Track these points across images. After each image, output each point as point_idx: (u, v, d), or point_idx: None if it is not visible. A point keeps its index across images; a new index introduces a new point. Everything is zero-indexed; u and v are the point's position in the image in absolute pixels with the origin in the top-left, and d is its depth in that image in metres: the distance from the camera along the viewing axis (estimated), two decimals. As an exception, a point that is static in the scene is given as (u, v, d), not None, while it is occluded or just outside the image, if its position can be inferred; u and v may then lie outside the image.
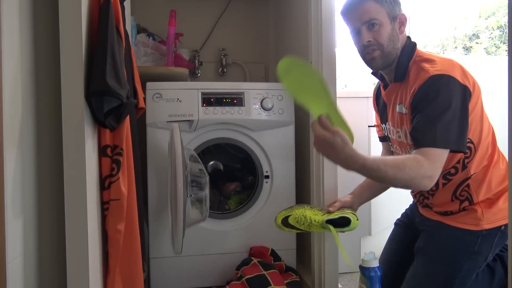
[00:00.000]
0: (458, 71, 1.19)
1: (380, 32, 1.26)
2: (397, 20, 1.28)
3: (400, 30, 1.29)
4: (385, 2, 1.26)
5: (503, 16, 3.05)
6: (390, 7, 1.27)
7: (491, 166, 1.26)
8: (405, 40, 1.31)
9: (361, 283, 1.37)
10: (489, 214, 1.23)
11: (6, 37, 0.79)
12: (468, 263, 1.24)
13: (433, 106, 1.14)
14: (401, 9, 1.30)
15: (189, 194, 1.45)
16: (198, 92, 1.68)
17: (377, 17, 1.26)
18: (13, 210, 0.82)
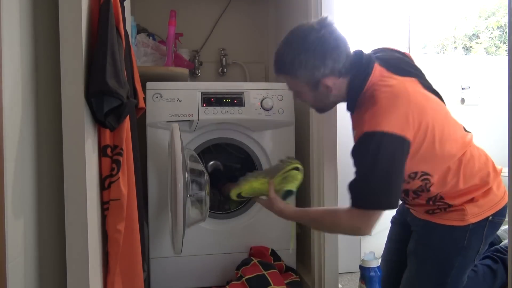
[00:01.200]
0: (396, 117, 1.09)
1: (303, 98, 1.26)
2: (321, 85, 1.18)
3: (329, 90, 1.20)
4: (300, 73, 1.17)
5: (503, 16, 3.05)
6: (307, 76, 1.17)
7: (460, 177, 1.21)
8: (349, 82, 1.21)
9: (361, 283, 1.37)
10: (474, 209, 1.22)
11: (6, 37, 0.79)
12: (459, 260, 1.24)
13: (362, 167, 1.11)
14: (326, 69, 1.15)
15: (189, 194, 1.45)
16: (198, 92, 1.68)
17: (294, 88, 1.24)
18: (13, 210, 0.82)
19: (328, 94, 1.21)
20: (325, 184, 1.54)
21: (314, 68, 1.14)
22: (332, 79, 1.17)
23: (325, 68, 1.15)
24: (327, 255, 1.55)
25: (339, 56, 1.15)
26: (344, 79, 1.20)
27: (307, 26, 1.17)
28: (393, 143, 1.08)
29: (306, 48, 1.14)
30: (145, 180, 1.64)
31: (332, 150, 1.54)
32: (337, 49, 1.14)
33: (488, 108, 2.53)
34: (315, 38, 1.13)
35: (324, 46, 1.13)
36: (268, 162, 1.75)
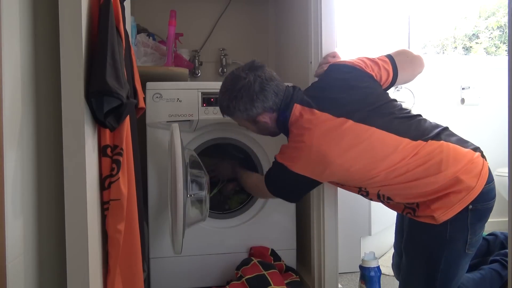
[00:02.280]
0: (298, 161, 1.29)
1: (252, 130, 1.48)
2: (258, 121, 1.38)
3: (266, 124, 1.39)
4: (237, 115, 1.37)
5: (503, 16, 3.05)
6: (243, 116, 1.37)
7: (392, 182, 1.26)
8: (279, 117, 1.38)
9: (361, 283, 1.38)
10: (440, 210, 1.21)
11: (6, 37, 0.79)
12: (445, 253, 1.24)
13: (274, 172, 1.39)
14: (259, 109, 1.34)
15: (189, 194, 1.45)
16: (198, 92, 1.68)
17: (239, 123, 1.46)
18: (13, 210, 0.82)
19: (268, 126, 1.41)
20: (326, 185, 1.54)
21: (246, 110, 1.34)
22: (266, 115, 1.37)
23: (256, 109, 1.34)
24: (327, 255, 1.55)
25: (266, 96, 1.33)
26: (277, 113, 1.38)
27: (235, 74, 1.35)
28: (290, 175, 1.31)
29: (235, 96, 1.33)
30: (145, 180, 1.64)
31: (332, 150, 1.53)
32: (263, 92, 1.33)
33: (488, 108, 2.53)
34: (241, 86, 1.32)
35: (249, 91, 1.32)
36: (268, 162, 1.75)
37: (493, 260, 1.48)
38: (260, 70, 1.34)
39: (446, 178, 1.20)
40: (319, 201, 1.57)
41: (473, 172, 1.22)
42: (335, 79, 1.37)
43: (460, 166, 1.21)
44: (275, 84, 1.35)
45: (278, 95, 1.35)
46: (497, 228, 1.78)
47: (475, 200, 1.21)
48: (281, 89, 1.36)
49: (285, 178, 1.34)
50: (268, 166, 1.73)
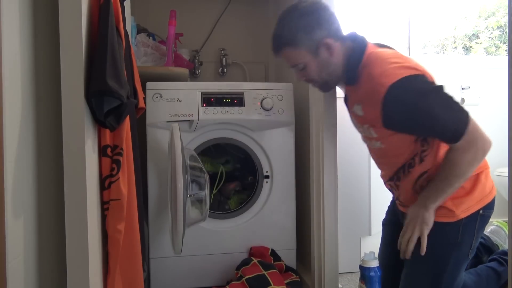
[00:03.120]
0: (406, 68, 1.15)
1: (307, 71, 1.28)
2: (321, 48, 1.24)
3: (330, 53, 1.25)
4: (301, 41, 1.23)
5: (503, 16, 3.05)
6: (307, 41, 1.23)
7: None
8: (347, 49, 1.26)
9: (361, 283, 1.37)
10: (463, 205, 1.22)
11: (6, 37, 0.79)
12: (453, 255, 1.24)
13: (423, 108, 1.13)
14: (324, 31, 1.22)
15: (189, 194, 1.45)
16: (198, 92, 1.68)
17: (298, 61, 1.27)
18: (13, 210, 0.82)
19: (330, 59, 1.25)
20: (325, 184, 1.54)
21: (312, 29, 1.21)
22: (331, 40, 1.23)
23: (322, 29, 1.22)
24: (327, 255, 1.55)
25: (331, 17, 1.24)
26: (342, 45, 1.26)
27: (294, 3, 1.27)
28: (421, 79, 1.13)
29: (300, 14, 1.23)
30: (145, 180, 1.64)
31: (332, 150, 1.54)
32: (328, 11, 1.24)
33: (488, 108, 2.53)
34: (306, 5, 1.24)
35: (316, 10, 1.23)
36: (268, 162, 1.75)
37: (492, 259, 1.48)
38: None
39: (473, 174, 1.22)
40: (319, 201, 1.57)
41: (489, 176, 1.26)
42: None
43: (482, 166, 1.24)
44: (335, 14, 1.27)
45: (340, 25, 1.25)
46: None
47: (486, 206, 1.24)
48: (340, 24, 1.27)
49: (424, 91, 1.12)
50: (268, 166, 1.74)
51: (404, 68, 1.14)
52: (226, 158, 1.92)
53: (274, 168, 1.75)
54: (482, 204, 1.23)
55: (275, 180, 1.76)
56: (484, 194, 1.24)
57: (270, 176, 1.75)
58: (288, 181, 1.77)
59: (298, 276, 1.70)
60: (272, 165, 1.75)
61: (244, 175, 1.91)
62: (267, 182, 1.76)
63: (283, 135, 1.76)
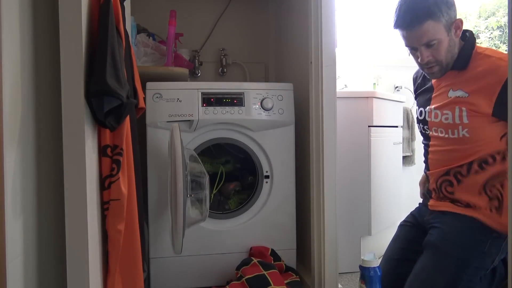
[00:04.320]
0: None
1: (438, 50, 1.28)
2: (453, 26, 1.28)
3: (456, 34, 1.30)
4: (442, 15, 1.25)
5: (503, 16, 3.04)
6: (447, 17, 1.26)
7: None
8: (462, 34, 1.32)
9: (361, 283, 1.37)
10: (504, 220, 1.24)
11: (6, 37, 0.79)
12: (477, 262, 1.25)
13: None
14: (455, 11, 1.28)
15: (189, 194, 1.45)
16: (198, 92, 1.68)
17: (435, 37, 1.27)
18: (13, 210, 0.82)
19: (455, 40, 1.30)
20: (325, 184, 1.54)
21: (452, 5, 1.25)
22: (459, 20, 1.28)
23: (455, 8, 1.27)
24: (327, 255, 1.55)
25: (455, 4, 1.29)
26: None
27: None
28: None
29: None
30: (145, 180, 1.64)
31: (332, 150, 1.54)
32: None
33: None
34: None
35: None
36: (268, 162, 1.75)
37: None
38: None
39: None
40: (319, 201, 1.57)
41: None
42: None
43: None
44: None
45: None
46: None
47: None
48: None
49: None
50: (268, 166, 1.74)
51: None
52: (226, 158, 1.92)
53: (274, 168, 1.75)
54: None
55: (275, 180, 1.76)
56: None
57: (270, 176, 1.75)
58: (288, 181, 1.77)
59: (298, 276, 1.70)
60: (272, 165, 1.75)
61: (244, 175, 1.91)
62: (267, 182, 1.76)
63: (283, 135, 1.76)
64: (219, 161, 1.91)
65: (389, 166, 2.09)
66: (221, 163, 1.90)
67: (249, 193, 1.80)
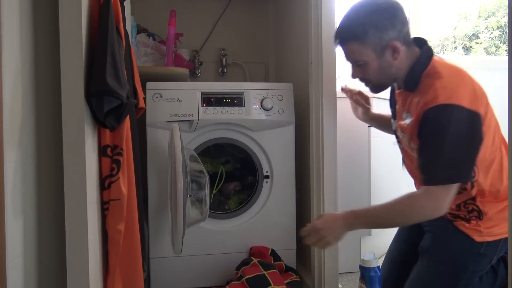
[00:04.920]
0: (467, 92, 1.12)
1: (367, 70, 1.23)
2: (387, 50, 1.19)
3: (394, 56, 1.20)
4: (370, 38, 1.17)
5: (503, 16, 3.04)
6: (376, 40, 1.17)
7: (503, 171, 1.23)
8: (412, 55, 1.23)
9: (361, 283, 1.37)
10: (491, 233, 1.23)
11: (6, 37, 0.79)
12: (473, 265, 1.23)
13: (437, 142, 1.11)
14: (395, 32, 1.17)
15: (189, 194, 1.45)
16: (198, 92, 1.68)
17: (361, 58, 1.21)
18: (13, 210, 0.82)
19: (392, 62, 1.21)
20: (325, 184, 1.54)
21: (384, 29, 1.16)
22: (399, 43, 1.18)
23: (394, 30, 1.16)
24: (327, 255, 1.55)
25: (405, 19, 1.18)
26: (406, 50, 1.21)
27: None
28: (467, 117, 1.09)
29: (376, 9, 1.17)
30: (145, 180, 1.64)
31: (332, 150, 1.54)
32: (403, 12, 1.18)
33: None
34: (383, 1, 1.18)
35: (392, 7, 1.17)
36: (268, 162, 1.75)
37: None
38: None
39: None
40: (319, 201, 1.57)
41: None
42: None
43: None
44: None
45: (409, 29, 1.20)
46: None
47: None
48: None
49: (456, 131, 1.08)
50: (268, 166, 1.74)
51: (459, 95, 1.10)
52: (226, 158, 1.92)
53: (274, 168, 1.75)
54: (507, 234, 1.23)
55: (275, 180, 1.75)
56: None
57: (270, 176, 1.75)
58: (288, 181, 1.77)
59: (298, 276, 1.70)
60: (272, 165, 1.75)
61: (244, 175, 1.91)
62: (267, 182, 1.76)
63: (283, 135, 1.76)
64: (219, 161, 1.91)
65: (389, 166, 2.09)
66: (221, 163, 1.90)
67: (249, 193, 1.80)
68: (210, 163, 1.87)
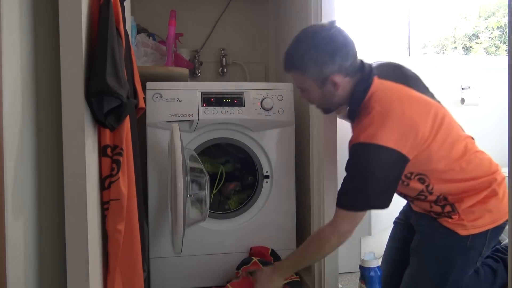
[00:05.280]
0: (390, 131, 1.13)
1: (309, 96, 1.29)
2: (328, 82, 1.22)
3: (335, 88, 1.23)
4: (309, 71, 1.20)
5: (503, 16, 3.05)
6: (315, 73, 1.20)
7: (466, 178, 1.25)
8: (353, 86, 1.25)
9: (361, 283, 1.37)
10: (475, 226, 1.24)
11: (6, 37, 0.79)
12: (461, 259, 1.24)
13: (352, 173, 1.19)
14: (335, 66, 1.19)
15: (189, 194, 1.45)
16: (198, 92, 1.68)
17: (302, 85, 1.27)
18: (13, 210, 0.82)
19: (334, 92, 1.24)
20: (325, 184, 1.54)
21: (324, 63, 1.18)
22: (339, 77, 1.20)
23: (334, 65, 1.18)
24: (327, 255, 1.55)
25: (348, 54, 1.20)
26: (350, 80, 1.24)
27: (317, 25, 1.25)
28: (384, 155, 1.13)
29: (317, 44, 1.18)
30: (145, 180, 1.64)
31: (332, 150, 1.54)
32: (346, 47, 1.20)
33: (488, 108, 2.53)
34: (325, 35, 1.19)
35: (334, 43, 1.18)
36: (268, 162, 1.75)
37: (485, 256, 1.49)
38: (342, 28, 1.23)
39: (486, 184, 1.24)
40: (319, 201, 1.57)
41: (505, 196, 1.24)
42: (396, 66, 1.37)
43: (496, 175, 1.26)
44: (354, 46, 1.22)
45: (356, 60, 1.22)
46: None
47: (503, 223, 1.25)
48: (357, 55, 1.24)
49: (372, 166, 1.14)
50: (268, 166, 1.74)
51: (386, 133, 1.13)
52: (226, 158, 1.92)
53: (274, 168, 1.75)
54: (499, 222, 1.24)
55: (275, 180, 1.76)
56: (497, 218, 1.24)
57: (270, 176, 1.75)
58: (288, 181, 1.77)
59: (298, 276, 1.70)
60: (272, 165, 1.75)
61: (244, 175, 1.91)
62: (267, 182, 1.76)
63: (283, 135, 1.76)
64: (219, 161, 1.91)
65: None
66: (221, 163, 1.90)
67: (249, 193, 1.80)
68: (210, 163, 1.87)
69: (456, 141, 1.24)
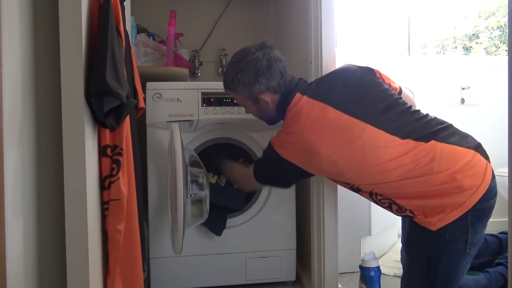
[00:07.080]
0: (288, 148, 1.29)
1: (249, 111, 1.47)
2: (260, 100, 1.37)
3: (267, 104, 1.38)
4: (241, 90, 1.36)
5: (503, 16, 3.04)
6: (247, 92, 1.36)
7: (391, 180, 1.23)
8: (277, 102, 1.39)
9: (361, 283, 1.38)
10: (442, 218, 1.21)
11: (6, 37, 0.79)
12: (445, 254, 1.23)
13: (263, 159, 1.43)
14: (261, 86, 1.34)
15: (189, 194, 1.45)
16: (198, 92, 1.68)
17: (241, 103, 1.47)
18: (13, 210, 0.82)
19: (268, 108, 1.40)
20: (325, 184, 1.54)
21: (250, 85, 1.34)
22: (268, 95, 1.36)
23: (260, 85, 1.34)
24: (327, 255, 1.55)
25: (272, 74, 1.34)
26: (279, 96, 1.38)
27: (246, 49, 1.37)
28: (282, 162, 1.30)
29: (241, 68, 1.34)
30: (145, 180, 1.64)
31: (332, 150, 1.53)
32: (270, 69, 1.33)
33: (488, 108, 2.53)
34: (249, 59, 1.34)
35: (256, 66, 1.33)
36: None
37: (498, 263, 1.47)
38: (270, 49, 1.37)
39: (439, 180, 1.18)
40: (319, 201, 1.57)
41: (473, 176, 1.19)
42: (340, 75, 1.39)
43: (456, 168, 1.18)
44: (282, 65, 1.36)
45: (284, 78, 1.36)
46: (497, 229, 1.78)
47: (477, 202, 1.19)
48: (287, 72, 1.38)
49: (273, 164, 1.36)
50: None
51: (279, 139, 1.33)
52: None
53: (274, 168, 1.75)
54: (467, 207, 1.19)
55: (275, 180, 1.75)
56: (469, 197, 1.18)
57: (270, 176, 1.75)
58: (288, 181, 1.77)
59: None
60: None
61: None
62: (267, 182, 1.75)
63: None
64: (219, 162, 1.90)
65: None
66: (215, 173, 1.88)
67: (249, 193, 1.80)
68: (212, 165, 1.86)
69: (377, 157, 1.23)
